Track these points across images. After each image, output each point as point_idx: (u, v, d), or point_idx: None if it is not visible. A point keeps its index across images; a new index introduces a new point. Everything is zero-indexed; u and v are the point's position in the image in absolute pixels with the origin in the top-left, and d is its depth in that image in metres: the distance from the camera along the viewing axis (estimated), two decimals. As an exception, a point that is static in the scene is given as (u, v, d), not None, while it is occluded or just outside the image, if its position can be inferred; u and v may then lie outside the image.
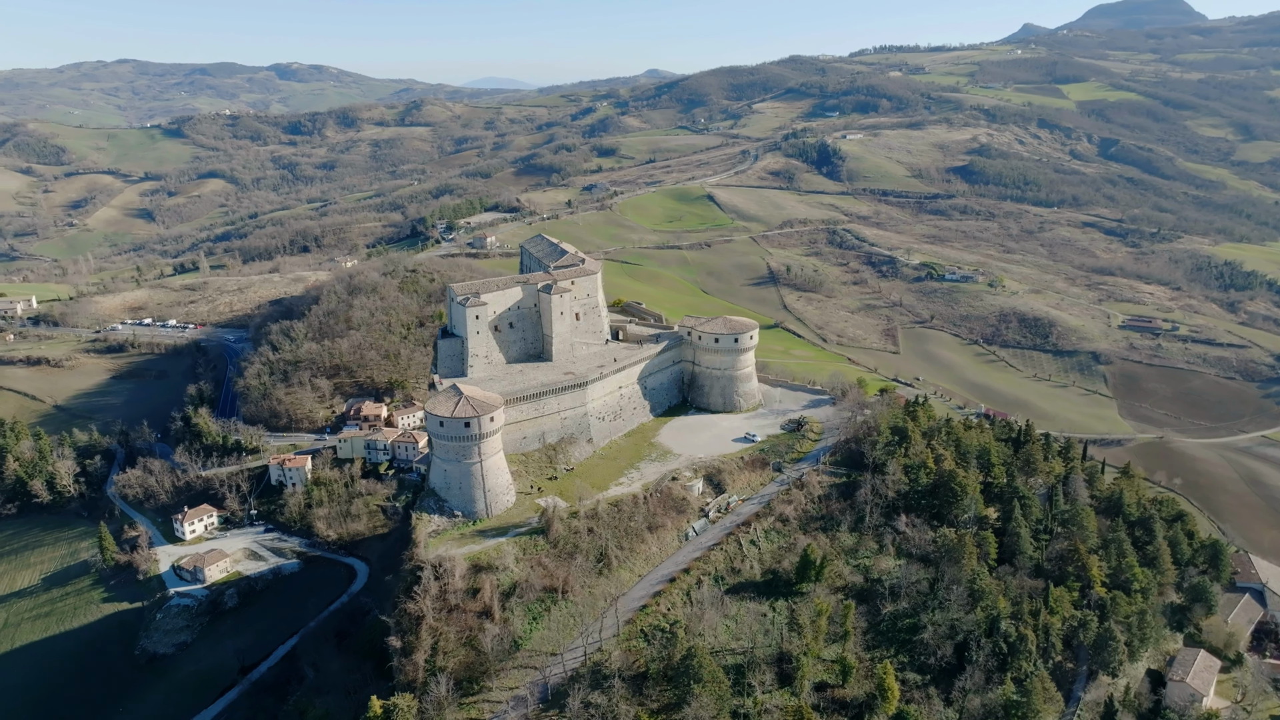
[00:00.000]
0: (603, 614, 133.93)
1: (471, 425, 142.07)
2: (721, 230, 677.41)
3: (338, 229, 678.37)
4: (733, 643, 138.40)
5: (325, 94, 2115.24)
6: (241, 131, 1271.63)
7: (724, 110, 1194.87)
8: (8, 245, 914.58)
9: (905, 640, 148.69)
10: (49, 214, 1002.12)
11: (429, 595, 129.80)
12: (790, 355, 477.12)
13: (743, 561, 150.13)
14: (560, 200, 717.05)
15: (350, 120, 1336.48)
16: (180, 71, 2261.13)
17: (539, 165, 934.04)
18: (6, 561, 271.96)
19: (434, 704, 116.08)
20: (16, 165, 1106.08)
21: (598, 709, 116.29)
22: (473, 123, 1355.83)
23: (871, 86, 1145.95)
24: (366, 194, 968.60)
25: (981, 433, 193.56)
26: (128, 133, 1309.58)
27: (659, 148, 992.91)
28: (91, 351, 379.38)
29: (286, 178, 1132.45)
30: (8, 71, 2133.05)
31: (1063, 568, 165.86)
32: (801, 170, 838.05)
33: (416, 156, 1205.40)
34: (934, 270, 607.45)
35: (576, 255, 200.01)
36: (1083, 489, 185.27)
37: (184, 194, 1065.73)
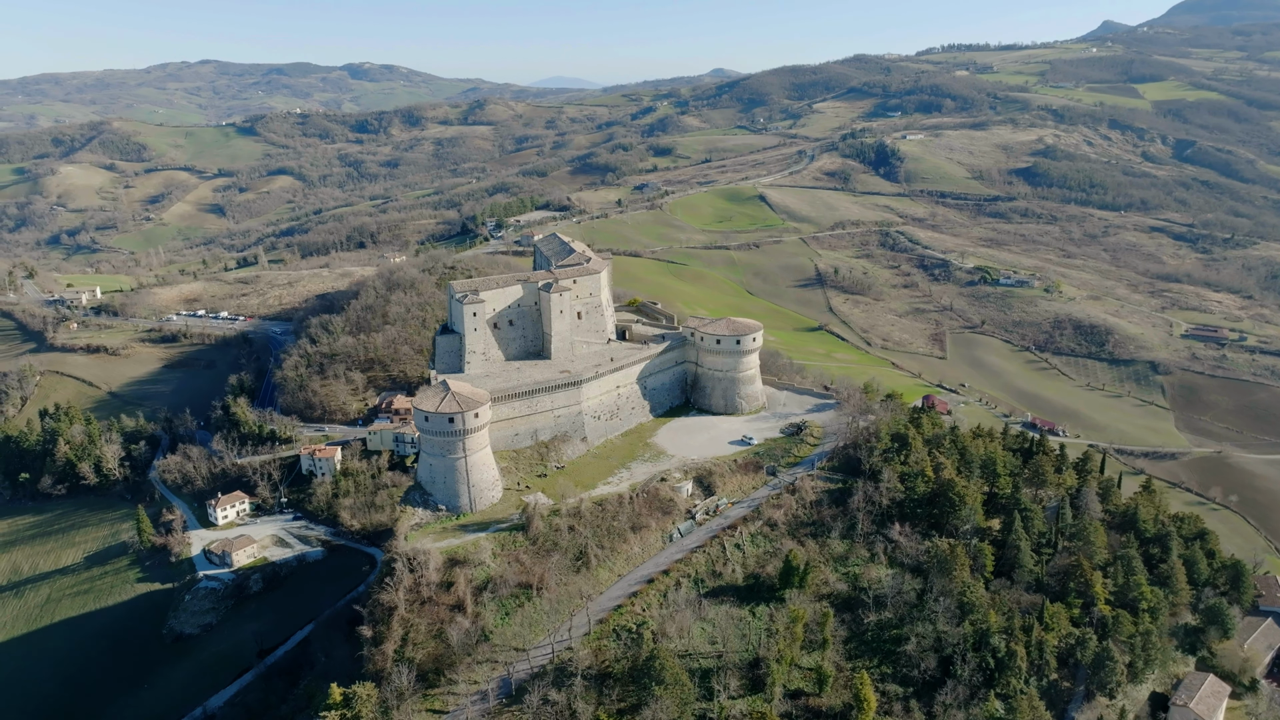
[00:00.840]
0: (572, 613, 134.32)
1: (456, 420, 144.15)
2: (771, 231, 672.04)
3: (393, 226, 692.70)
4: (707, 646, 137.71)
5: (395, 93, 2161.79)
6: (311, 130, 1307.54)
7: (784, 110, 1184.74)
8: (89, 238, 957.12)
9: (890, 651, 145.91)
10: (128, 208, 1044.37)
11: (402, 587, 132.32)
12: (831, 358, 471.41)
13: (725, 565, 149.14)
14: (610, 199, 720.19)
15: (415, 119, 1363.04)
16: (258, 71, 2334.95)
17: (595, 164, 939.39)
18: (54, 540, 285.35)
19: (395, 693, 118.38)
20: (101, 162, 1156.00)
21: (555, 706, 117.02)
22: (534, 122, 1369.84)
23: (936, 86, 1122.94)
24: (426, 191, 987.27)
25: (990, 442, 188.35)
26: (204, 130, 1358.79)
27: (715, 147, 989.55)
28: (147, 341, 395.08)
29: (352, 175, 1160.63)
30: (99, 72, 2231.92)
31: (1064, 583, 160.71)
32: (858, 171, 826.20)
33: (478, 155, 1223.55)
34: (988, 274, 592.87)
35: (583, 254, 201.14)
36: (1095, 503, 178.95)
37: (254, 190, 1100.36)
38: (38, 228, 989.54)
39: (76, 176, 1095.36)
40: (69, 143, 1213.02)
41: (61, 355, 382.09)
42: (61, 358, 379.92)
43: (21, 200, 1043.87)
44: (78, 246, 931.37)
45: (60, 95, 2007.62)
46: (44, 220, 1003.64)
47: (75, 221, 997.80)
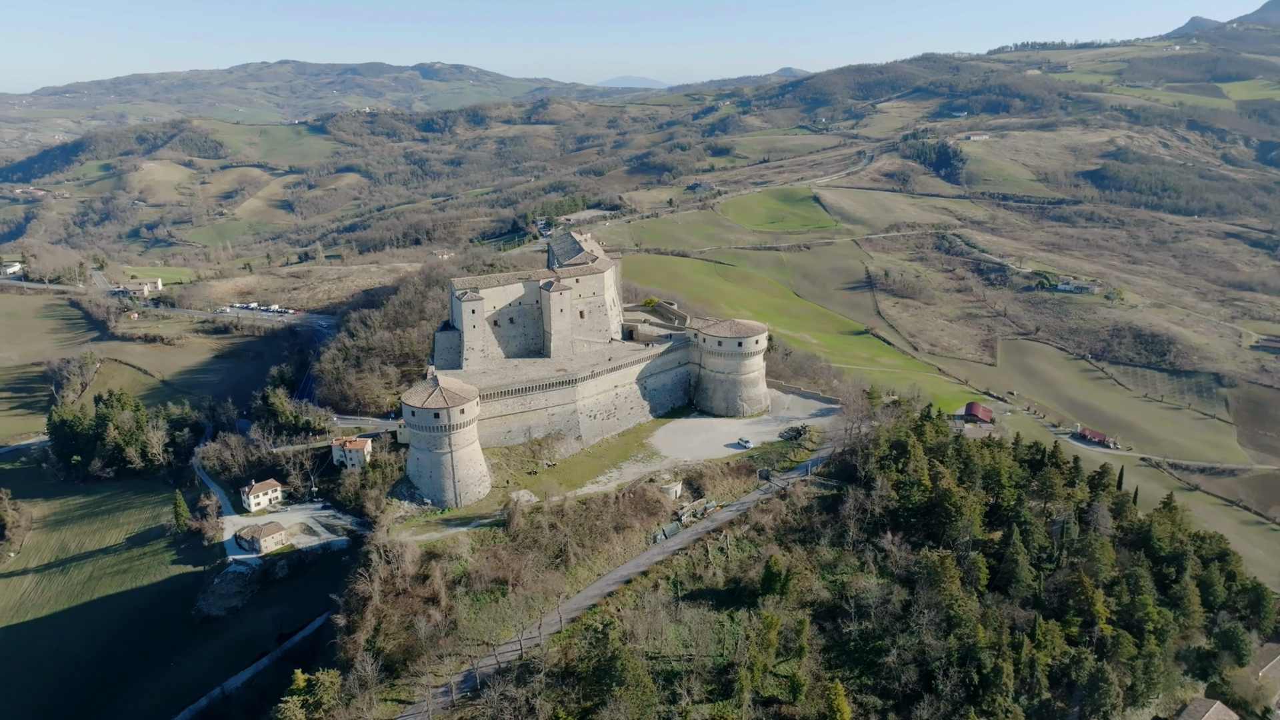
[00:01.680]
0: (542, 611, 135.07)
1: (441, 416, 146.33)
2: (823, 232, 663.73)
3: (449, 223, 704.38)
4: (682, 649, 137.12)
5: (464, 92, 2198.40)
6: (379, 128, 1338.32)
7: (847, 110, 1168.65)
8: (166, 232, 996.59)
9: (871, 662, 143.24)
10: (204, 203, 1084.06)
11: (378, 578, 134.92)
12: (875, 363, 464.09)
13: (706, 569, 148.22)
14: (662, 199, 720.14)
15: (480, 118, 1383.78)
16: (333, 71, 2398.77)
17: (652, 164, 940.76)
18: (101, 520, 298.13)
19: (358, 682, 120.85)
20: (180, 159, 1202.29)
21: (514, 702, 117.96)
22: (596, 121, 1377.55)
23: (1004, 85, 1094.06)
24: (486, 190, 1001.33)
25: (999, 452, 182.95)
26: (278, 129, 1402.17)
27: (774, 147, 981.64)
28: (200, 331, 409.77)
29: (416, 173, 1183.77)
30: (186, 73, 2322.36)
31: (1063, 600, 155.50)
32: (917, 172, 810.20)
33: (539, 154, 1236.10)
34: (1046, 279, 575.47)
35: (590, 254, 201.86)
36: (1107, 518, 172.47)
37: (322, 187, 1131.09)
38: (120, 221, 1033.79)
39: (157, 173, 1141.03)
40: (152, 140, 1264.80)
41: (121, 344, 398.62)
42: (121, 346, 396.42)
43: (107, 195, 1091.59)
44: (155, 240, 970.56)
45: (149, 95, 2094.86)
46: (126, 214, 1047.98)
47: (154, 216, 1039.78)
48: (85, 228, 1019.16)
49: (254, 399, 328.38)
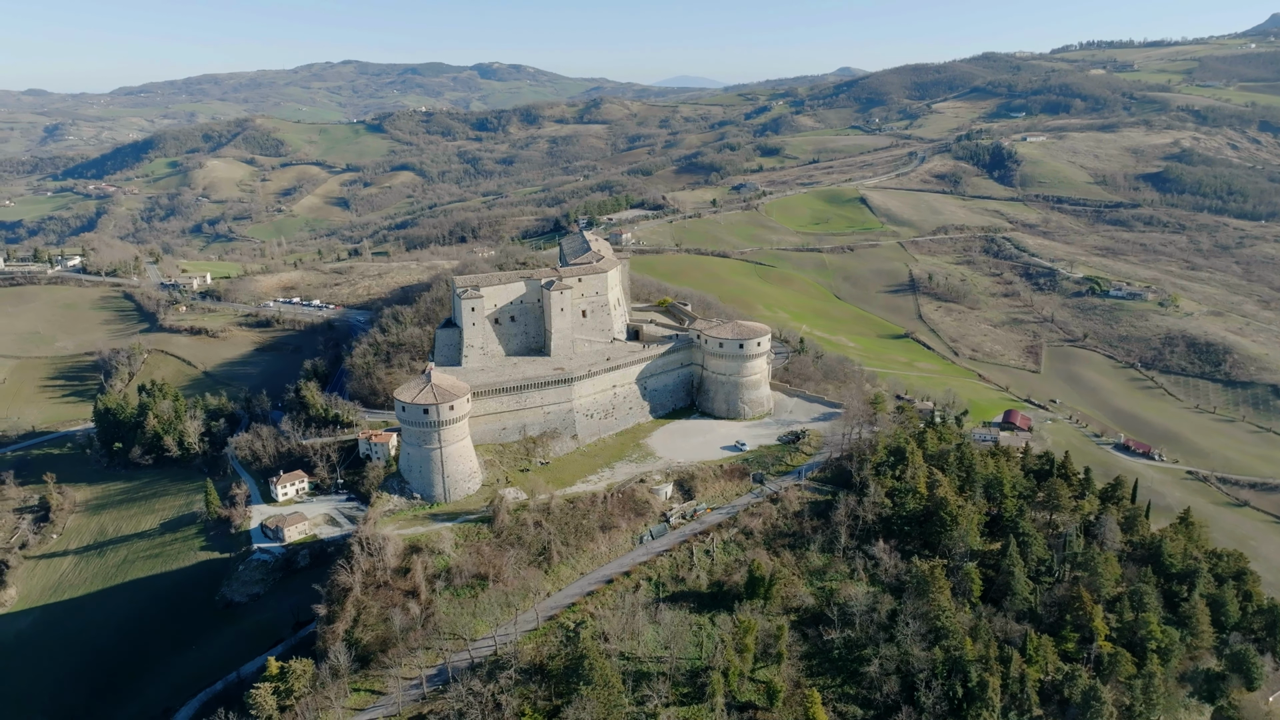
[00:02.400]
0: (519, 610, 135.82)
1: (430, 412, 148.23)
2: (868, 234, 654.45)
3: (494, 221, 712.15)
4: (660, 651, 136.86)
5: (521, 92, 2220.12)
6: (434, 128, 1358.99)
7: (902, 110, 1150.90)
8: (227, 227, 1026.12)
9: (854, 671, 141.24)
10: (264, 200, 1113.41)
11: (359, 570, 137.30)
12: (913, 367, 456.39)
13: (690, 571, 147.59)
14: (706, 199, 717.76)
15: (533, 117, 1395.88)
16: (394, 71, 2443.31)
17: (700, 164, 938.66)
18: (138, 505, 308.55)
19: (330, 671, 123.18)
20: (243, 156, 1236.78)
21: (479, 697, 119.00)
22: (648, 121, 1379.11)
23: (1065, 85, 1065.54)
24: (535, 189, 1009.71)
25: (1004, 461, 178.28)
26: (337, 127, 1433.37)
27: (825, 148, 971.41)
28: (243, 325, 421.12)
29: (469, 171, 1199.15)
30: (253, 73, 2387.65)
31: (1060, 615, 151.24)
32: (970, 174, 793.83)
33: (590, 153, 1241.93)
34: (1097, 285, 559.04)
35: (597, 253, 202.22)
36: (1115, 532, 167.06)
37: (377, 185, 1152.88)
38: (184, 217, 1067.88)
39: (220, 170, 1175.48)
40: (217, 138, 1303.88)
41: (168, 335, 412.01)
42: (168, 338, 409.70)
43: (173, 191, 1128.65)
44: (216, 235, 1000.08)
45: (218, 94, 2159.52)
46: (190, 210, 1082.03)
47: (216, 212, 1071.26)
48: (151, 223, 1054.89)
49: (287, 391, 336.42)
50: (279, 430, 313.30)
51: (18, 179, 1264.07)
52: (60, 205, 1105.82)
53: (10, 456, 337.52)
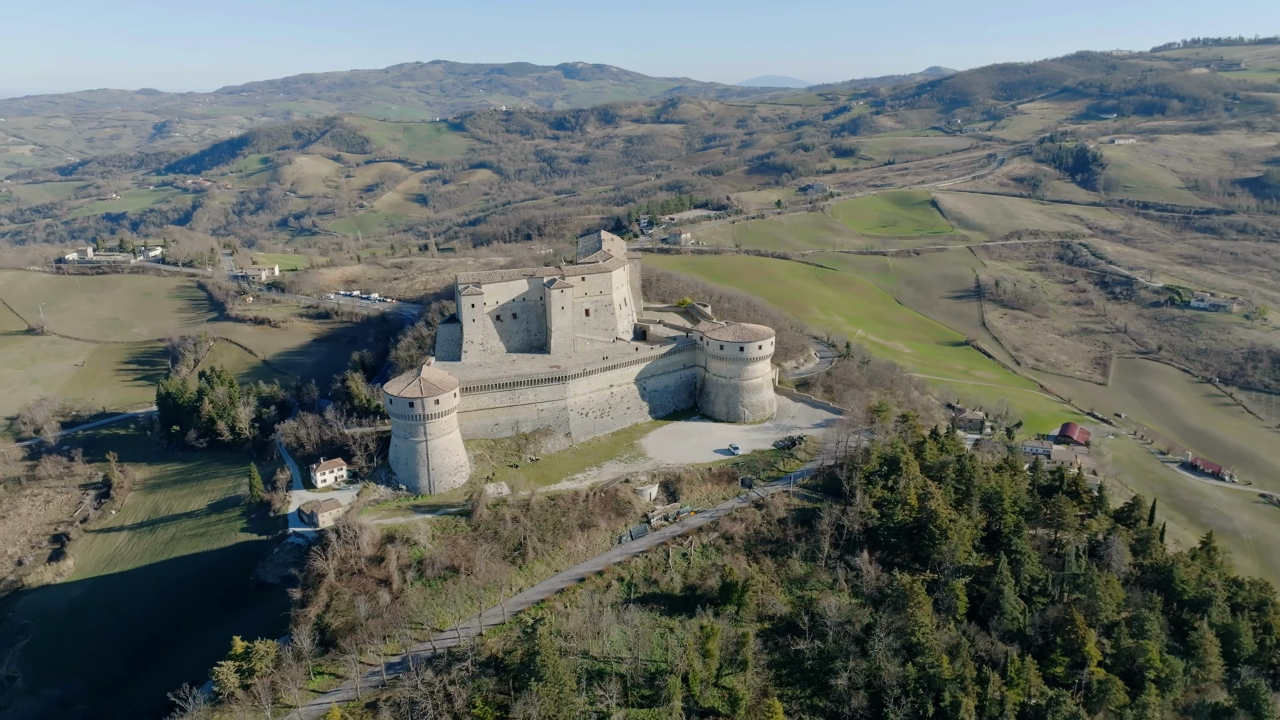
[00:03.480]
0: (482, 601, 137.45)
1: (416, 405, 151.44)
2: (936, 238, 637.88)
3: (559, 219, 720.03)
4: (625, 652, 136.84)
5: (604, 91, 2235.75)
6: (513, 126, 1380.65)
7: (985, 111, 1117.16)
8: (311, 222, 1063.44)
9: (825, 684, 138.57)
10: (347, 196, 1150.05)
11: (335, 556, 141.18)
12: (970, 376, 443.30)
13: (664, 573, 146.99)
14: (770, 200, 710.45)
15: (610, 117, 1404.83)
16: (481, 71, 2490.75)
17: (773, 164, 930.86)
18: (190, 486, 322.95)
19: (294, 653, 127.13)
20: (330, 153, 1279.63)
21: (430, 687, 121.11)
22: (725, 121, 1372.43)
23: (1162, 85, 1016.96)
24: (607, 188, 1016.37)
25: (1010, 475, 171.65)
26: (420, 126, 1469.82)
27: (901, 149, 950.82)
28: (304, 316, 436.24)
29: (544, 170, 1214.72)
30: (346, 72, 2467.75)
31: (1050, 637, 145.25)
32: (1050, 177, 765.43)
33: (665, 153, 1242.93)
34: (1178, 295, 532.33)
35: (605, 253, 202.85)
36: (1124, 554, 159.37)
37: (456, 182, 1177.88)
38: (272, 211, 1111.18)
39: (308, 166, 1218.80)
40: (307, 135, 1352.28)
41: (234, 324, 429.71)
42: (233, 327, 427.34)
43: (263, 186, 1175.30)
44: (300, 229, 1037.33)
45: (313, 93, 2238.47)
46: (278, 204, 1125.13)
47: (302, 207, 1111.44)
48: (242, 216, 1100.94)
49: (335, 381, 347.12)
50: (323, 419, 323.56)
51: (125, 173, 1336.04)
52: (160, 199, 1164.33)
53: (81, 435, 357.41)
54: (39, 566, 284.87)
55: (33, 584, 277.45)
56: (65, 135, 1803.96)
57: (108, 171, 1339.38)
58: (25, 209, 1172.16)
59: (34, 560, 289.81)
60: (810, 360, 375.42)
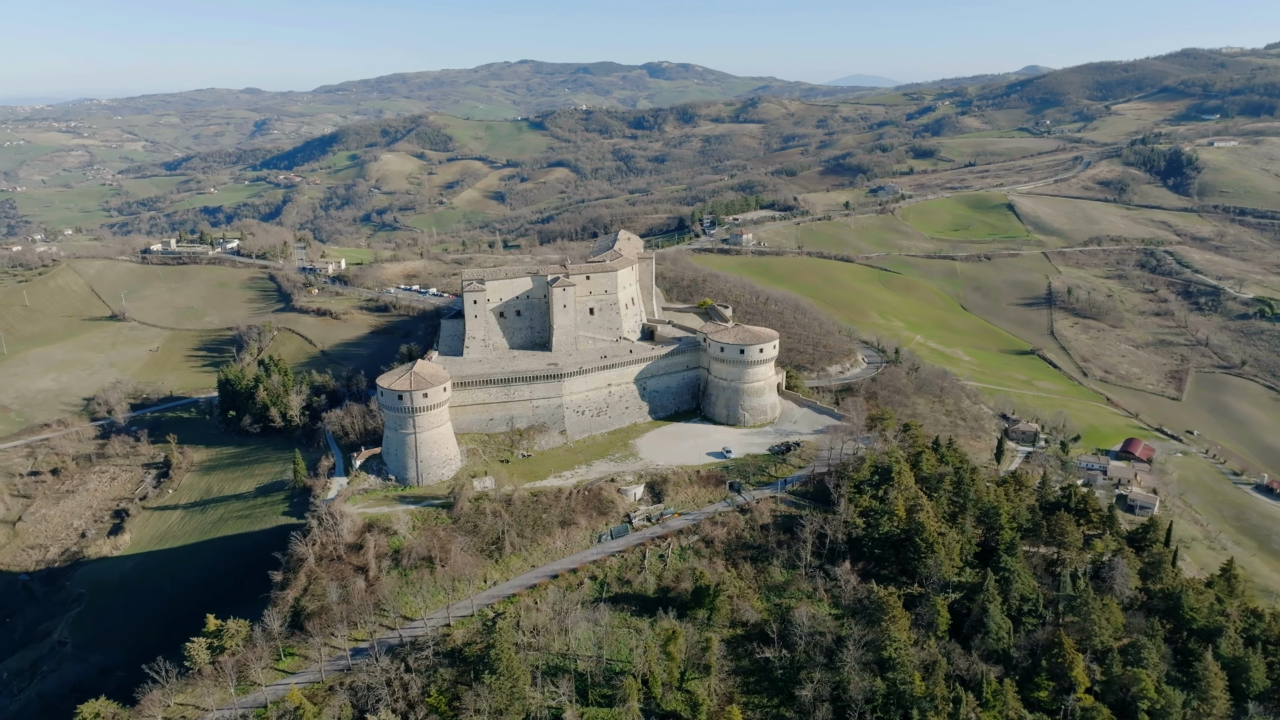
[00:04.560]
0: (460, 593, 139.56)
1: (404, 398, 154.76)
2: (1010, 243, 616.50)
3: (626, 218, 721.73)
4: (591, 650, 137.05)
5: (688, 91, 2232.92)
6: (593, 125, 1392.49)
7: (1077, 112, 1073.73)
8: (392, 217, 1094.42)
9: (792, 694, 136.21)
10: (429, 192, 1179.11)
11: (317, 542, 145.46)
12: (1031, 386, 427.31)
13: (638, 574, 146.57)
14: (839, 201, 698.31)
15: (689, 116, 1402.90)
16: (567, 71, 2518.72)
17: (848, 165, 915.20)
18: (242, 469, 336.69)
19: (264, 633, 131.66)
20: (414, 150, 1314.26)
21: (385, 674, 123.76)
22: (805, 120, 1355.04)
23: (1273, 85, 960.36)
24: (680, 187, 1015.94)
25: (1013, 491, 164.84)
26: (501, 124, 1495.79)
27: (983, 150, 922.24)
28: (364, 309, 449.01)
29: (621, 169, 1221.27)
30: (437, 72, 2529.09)
31: (1036, 660, 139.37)
32: (1139, 180, 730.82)
33: (743, 153, 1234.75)
34: (1269, 307, 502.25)
35: (615, 252, 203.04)
36: (1129, 578, 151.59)
37: (533, 180, 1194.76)
38: (356, 206, 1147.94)
39: (393, 163, 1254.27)
40: (393, 133, 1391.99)
41: (298, 315, 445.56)
42: (297, 317, 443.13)
43: (349, 183, 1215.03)
44: (381, 224, 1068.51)
45: (404, 92, 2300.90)
46: (362, 200, 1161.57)
47: (385, 202, 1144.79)
48: (329, 211, 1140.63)
49: (382, 372, 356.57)
50: (367, 409, 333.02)
51: (224, 169, 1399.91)
52: (254, 193, 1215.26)
53: (149, 417, 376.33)
54: (99, 539, 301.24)
55: (91, 555, 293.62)
56: (174, 132, 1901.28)
57: (208, 167, 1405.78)
58: (132, 202, 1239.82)
59: (95, 533, 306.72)
60: (856, 365, 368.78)
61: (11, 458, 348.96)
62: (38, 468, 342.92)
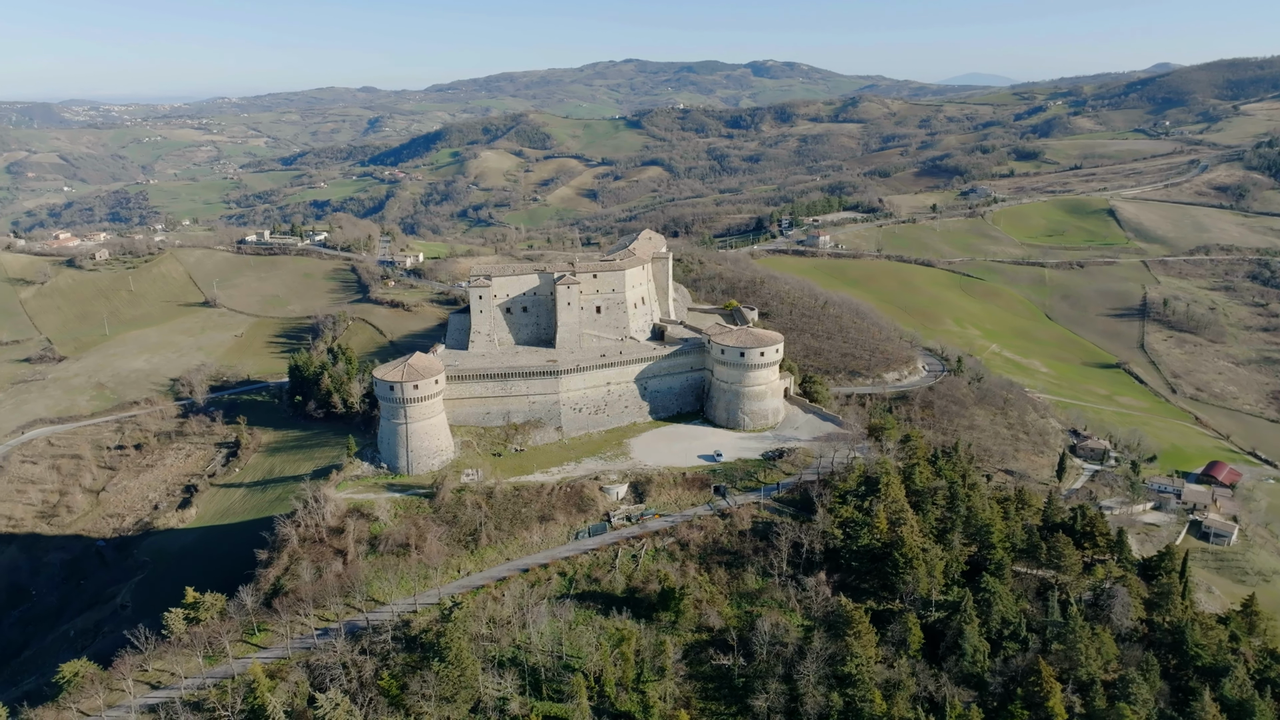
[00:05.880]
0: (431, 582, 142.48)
1: (395, 389, 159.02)
2: (1107, 250, 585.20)
3: (707, 218, 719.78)
4: (551, 645, 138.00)
5: (792, 90, 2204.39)
6: (689, 124, 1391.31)
7: (1203, 112, 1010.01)
8: (488, 213, 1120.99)
9: (748, 704, 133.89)
10: (524, 190, 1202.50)
11: (302, 524, 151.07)
12: (1110, 402, 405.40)
13: (608, 573, 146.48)
14: (926, 204, 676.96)
15: (787, 115, 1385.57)
16: (671, 70, 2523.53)
17: (945, 167, 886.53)
18: (303, 453, 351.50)
19: (237, 607, 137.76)
20: (513, 148, 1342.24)
21: (341, 656, 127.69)
22: (906, 120, 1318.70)
23: None
24: (771, 187, 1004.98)
25: (1017, 509, 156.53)
26: (599, 123, 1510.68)
27: (1092, 153, 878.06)
28: (434, 301, 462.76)
29: (715, 168, 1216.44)
30: (544, 71, 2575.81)
31: (1011, 687, 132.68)
32: (1261, 186, 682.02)
33: (840, 153, 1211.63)
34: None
35: (629, 251, 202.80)
36: (1129, 607, 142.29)
37: (626, 178, 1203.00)
38: (455, 202, 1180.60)
39: (492, 160, 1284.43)
40: (494, 131, 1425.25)
41: (372, 306, 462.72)
42: (371, 308, 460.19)
43: (449, 179, 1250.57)
44: (477, 220, 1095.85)
45: (511, 91, 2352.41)
46: (460, 196, 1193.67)
47: (482, 199, 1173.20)
48: (428, 206, 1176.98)
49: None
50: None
51: (335, 164, 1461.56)
52: (360, 188, 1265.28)
53: (225, 399, 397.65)
54: (169, 512, 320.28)
55: (160, 526, 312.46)
56: (294, 129, 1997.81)
57: (320, 162, 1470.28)
58: (249, 195, 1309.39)
59: (166, 506, 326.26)
60: (916, 373, 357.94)
61: (103, 432, 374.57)
62: (124, 442, 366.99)
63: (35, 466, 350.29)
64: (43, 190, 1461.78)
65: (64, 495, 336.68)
